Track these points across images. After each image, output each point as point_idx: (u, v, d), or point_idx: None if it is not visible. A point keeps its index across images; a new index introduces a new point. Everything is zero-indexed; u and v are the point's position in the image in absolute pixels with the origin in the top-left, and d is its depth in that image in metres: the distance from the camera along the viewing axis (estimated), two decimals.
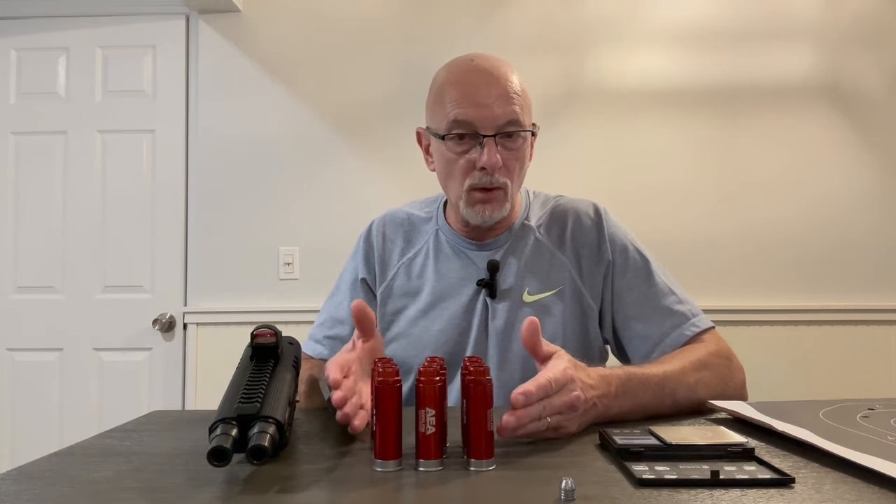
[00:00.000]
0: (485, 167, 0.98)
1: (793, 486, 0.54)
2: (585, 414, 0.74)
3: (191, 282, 2.47)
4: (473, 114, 0.97)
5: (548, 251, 1.08)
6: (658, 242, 2.38)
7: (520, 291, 1.05)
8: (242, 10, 2.50)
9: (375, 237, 1.15)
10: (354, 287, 1.14)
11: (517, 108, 0.99)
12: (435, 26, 2.48)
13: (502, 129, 0.98)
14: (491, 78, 0.99)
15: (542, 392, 0.69)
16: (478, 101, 0.97)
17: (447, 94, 1.00)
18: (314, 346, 1.13)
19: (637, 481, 0.55)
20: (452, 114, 0.98)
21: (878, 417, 0.74)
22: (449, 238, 1.11)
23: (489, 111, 0.97)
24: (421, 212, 1.17)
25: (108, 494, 0.55)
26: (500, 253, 1.08)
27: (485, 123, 0.97)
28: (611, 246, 1.08)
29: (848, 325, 2.39)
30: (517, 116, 0.99)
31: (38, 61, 2.52)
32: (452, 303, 1.06)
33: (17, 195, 2.50)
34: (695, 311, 1.03)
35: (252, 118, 2.49)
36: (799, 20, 2.47)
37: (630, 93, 2.46)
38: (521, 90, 1.02)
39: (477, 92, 0.98)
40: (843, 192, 2.44)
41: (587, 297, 1.06)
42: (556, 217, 1.12)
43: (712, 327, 1.02)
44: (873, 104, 2.45)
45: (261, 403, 0.61)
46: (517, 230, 1.10)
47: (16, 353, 2.47)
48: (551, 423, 0.70)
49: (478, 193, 1.01)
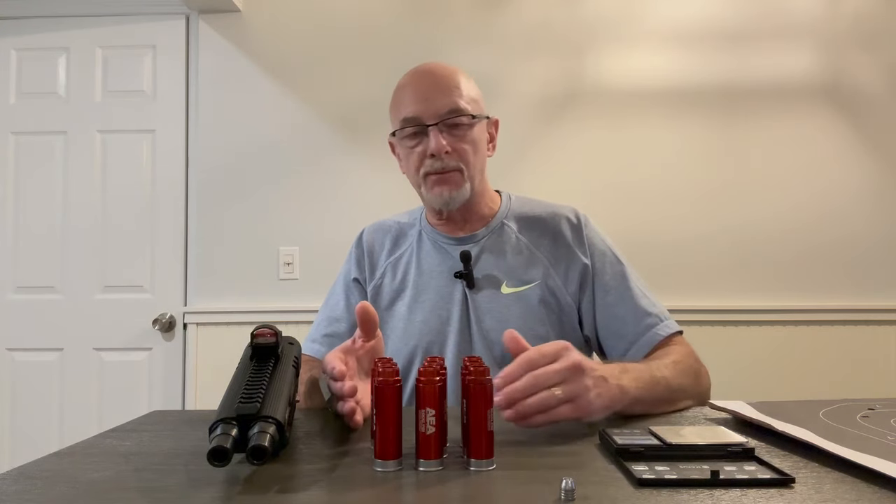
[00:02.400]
0: (433, 154, 1.06)
1: (793, 486, 0.54)
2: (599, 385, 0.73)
3: (191, 282, 2.47)
4: (417, 108, 1.07)
5: (526, 249, 1.13)
6: (657, 242, 2.40)
7: (497, 284, 1.10)
8: (242, 10, 2.50)
9: (365, 241, 1.23)
10: (348, 287, 1.21)
11: (457, 96, 1.08)
12: (435, 26, 2.48)
13: (444, 117, 1.07)
14: (434, 77, 1.09)
15: (527, 364, 0.69)
16: (420, 96, 1.08)
17: (398, 97, 1.12)
18: (312, 346, 1.17)
19: (637, 481, 0.55)
20: (402, 112, 1.09)
21: (878, 417, 0.74)
22: (430, 235, 1.18)
23: (430, 104, 1.07)
24: (405, 218, 1.26)
25: (108, 494, 0.55)
26: (476, 247, 1.14)
27: (428, 114, 1.07)
28: (590, 250, 1.13)
29: (848, 325, 2.39)
30: (457, 105, 1.07)
31: (38, 61, 2.52)
32: (433, 294, 1.12)
33: (17, 195, 2.50)
34: (665, 314, 1.09)
35: (252, 118, 2.49)
36: (798, 20, 2.47)
37: (630, 93, 2.46)
38: (466, 84, 1.10)
39: (419, 89, 1.09)
40: (845, 191, 2.44)
41: (566, 296, 1.10)
42: (535, 219, 1.17)
43: (681, 331, 1.07)
44: (872, 104, 2.45)
45: (261, 403, 0.61)
46: (495, 228, 1.16)
47: (16, 353, 2.47)
48: (560, 394, 0.69)
49: (433, 177, 1.09)
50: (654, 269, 2.27)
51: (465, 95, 1.08)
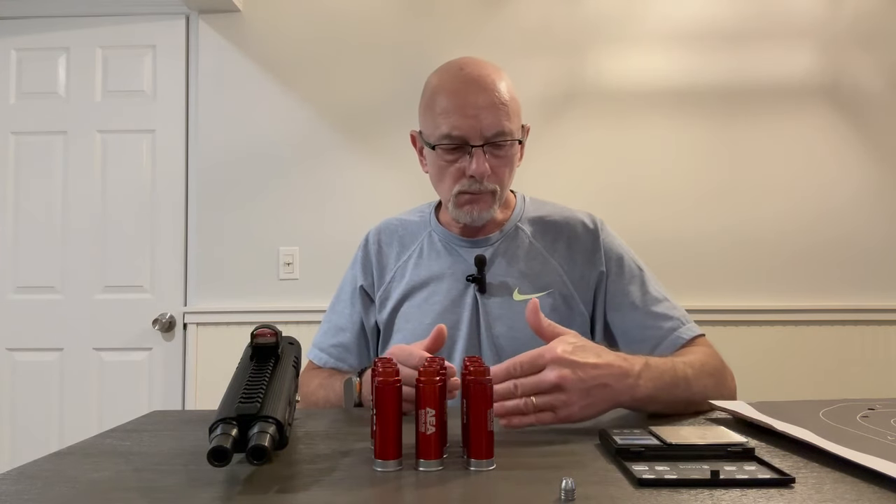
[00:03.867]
0: (473, 175, 1.02)
1: (793, 487, 0.54)
2: (591, 395, 0.73)
3: (191, 282, 2.47)
4: (462, 125, 1.01)
5: (539, 255, 1.11)
6: (657, 241, 2.40)
7: (510, 290, 1.08)
8: (242, 10, 2.50)
9: (372, 246, 1.19)
10: (354, 295, 1.18)
11: (504, 117, 1.02)
12: (435, 26, 2.48)
13: (490, 139, 1.02)
14: (479, 87, 1.02)
15: (505, 373, 0.71)
16: (466, 111, 1.00)
17: (438, 102, 1.04)
18: (319, 355, 1.16)
19: (637, 481, 0.55)
20: (443, 125, 1.02)
21: (878, 417, 0.74)
22: (441, 237, 1.15)
23: (477, 122, 1.00)
24: (414, 217, 1.21)
25: (108, 494, 0.55)
26: (490, 251, 1.11)
27: (473, 134, 1.01)
28: (606, 256, 1.10)
29: (848, 325, 2.39)
30: (504, 127, 1.02)
31: (38, 61, 2.52)
32: (443, 297, 1.09)
33: (17, 195, 2.50)
34: (687, 318, 1.07)
35: (252, 118, 2.49)
36: (798, 20, 2.47)
37: (630, 93, 2.46)
38: (510, 97, 1.04)
39: (466, 102, 1.01)
40: (844, 191, 2.44)
41: (578, 303, 1.08)
42: (550, 223, 1.14)
43: (703, 334, 1.05)
44: (872, 104, 2.45)
45: (261, 403, 0.61)
46: (509, 231, 1.13)
47: (16, 353, 2.47)
48: (538, 403, 0.71)
49: (466, 196, 1.05)
50: (654, 269, 2.26)
51: (511, 114, 1.03)
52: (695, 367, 0.89)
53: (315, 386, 1.07)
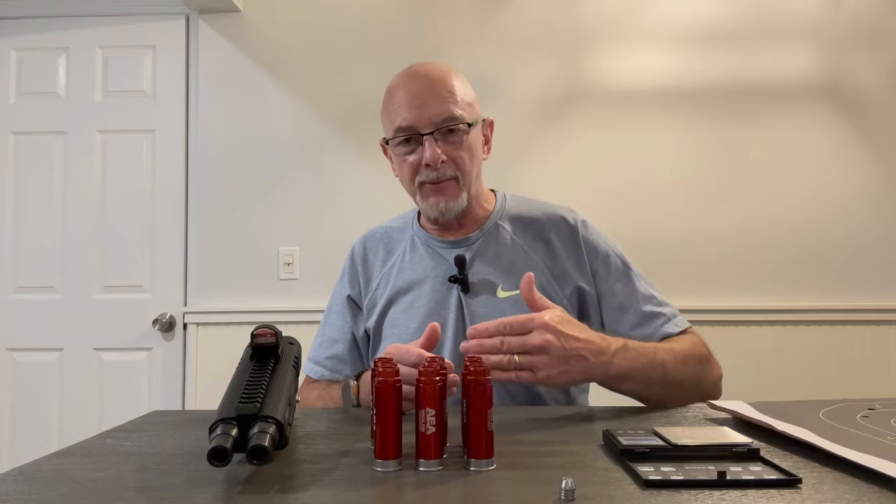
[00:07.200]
0: (428, 163, 1.04)
1: (799, 487, 0.54)
2: (569, 363, 0.80)
3: (191, 282, 2.47)
4: (409, 115, 1.05)
5: (522, 251, 1.11)
6: (657, 241, 2.40)
7: (493, 287, 1.08)
8: (242, 10, 2.50)
9: (357, 255, 1.21)
10: (343, 306, 1.19)
11: (452, 103, 1.05)
12: (435, 26, 2.48)
13: (440, 125, 1.05)
14: (425, 80, 1.07)
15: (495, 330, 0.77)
16: (413, 103, 1.05)
17: (390, 102, 1.09)
18: (315, 369, 1.16)
19: (644, 482, 0.55)
20: (396, 120, 1.06)
21: (878, 417, 0.74)
22: (422, 240, 1.16)
23: (424, 111, 1.04)
24: (397, 223, 1.23)
25: (108, 494, 0.55)
26: (471, 250, 1.11)
27: (422, 122, 1.05)
28: (589, 255, 1.10)
29: (848, 325, 2.38)
30: (452, 112, 1.05)
31: (38, 61, 2.52)
32: (428, 300, 1.09)
33: (17, 195, 2.50)
34: (675, 312, 1.09)
35: (252, 118, 2.49)
36: (798, 20, 2.47)
37: (630, 93, 2.46)
38: (460, 87, 1.08)
39: (413, 95, 1.05)
40: (844, 191, 2.44)
41: (562, 300, 1.07)
42: (530, 220, 1.14)
43: (690, 327, 1.08)
44: (872, 104, 2.45)
45: (261, 403, 0.60)
46: (489, 229, 1.13)
47: (16, 353, 2.46)
48: (521, 362, 0.76)
49: (428, 186, 1.08)
50: (653, 268, 2.25)
51: (459, 101, 1.06)
52: (675, 353, 0.93)
53: (314, 398, 1.08)
